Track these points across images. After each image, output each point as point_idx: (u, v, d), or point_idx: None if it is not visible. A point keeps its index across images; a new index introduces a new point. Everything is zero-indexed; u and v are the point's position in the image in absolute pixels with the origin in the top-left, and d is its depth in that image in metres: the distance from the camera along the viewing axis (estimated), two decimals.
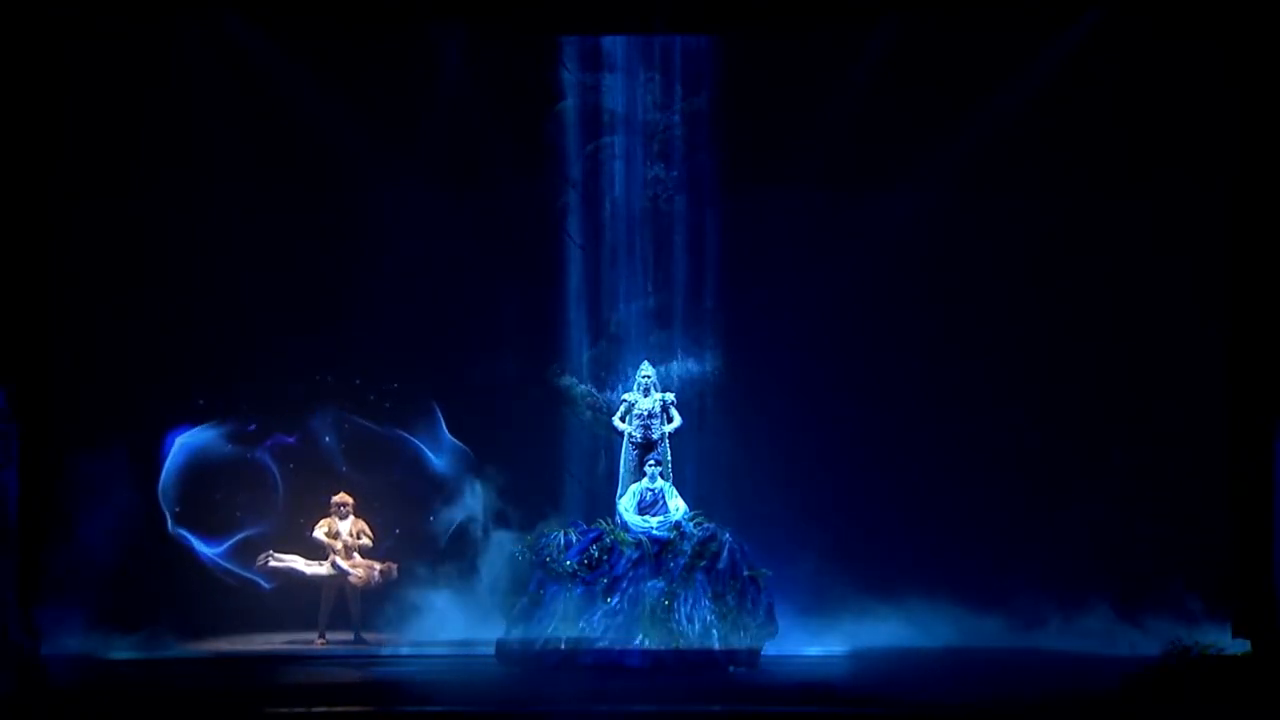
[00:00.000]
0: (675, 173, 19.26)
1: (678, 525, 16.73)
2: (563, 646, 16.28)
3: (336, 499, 18.36)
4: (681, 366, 19.05)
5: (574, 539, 16.78)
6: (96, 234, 18.32)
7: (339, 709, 14.20)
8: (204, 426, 18.69)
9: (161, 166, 18.45)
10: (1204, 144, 18.25)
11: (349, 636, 18.25)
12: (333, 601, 18.22)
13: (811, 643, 17.65)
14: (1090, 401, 18.73)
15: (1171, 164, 18.43)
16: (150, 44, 18.19)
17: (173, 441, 18.56)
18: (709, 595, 16.46)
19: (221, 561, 18.45)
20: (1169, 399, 18.53)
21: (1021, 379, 18.79)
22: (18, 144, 17.35)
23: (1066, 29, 18.37)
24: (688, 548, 16.57)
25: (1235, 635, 17.17)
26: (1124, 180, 18.58)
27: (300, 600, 18.38)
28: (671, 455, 17.38)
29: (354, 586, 18.20)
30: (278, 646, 18.00)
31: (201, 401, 18.70)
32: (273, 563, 18.18)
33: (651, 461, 17.13)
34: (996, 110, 18.65)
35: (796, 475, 18.71)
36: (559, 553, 16.65)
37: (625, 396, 17.54)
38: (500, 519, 18.26)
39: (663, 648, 16.17)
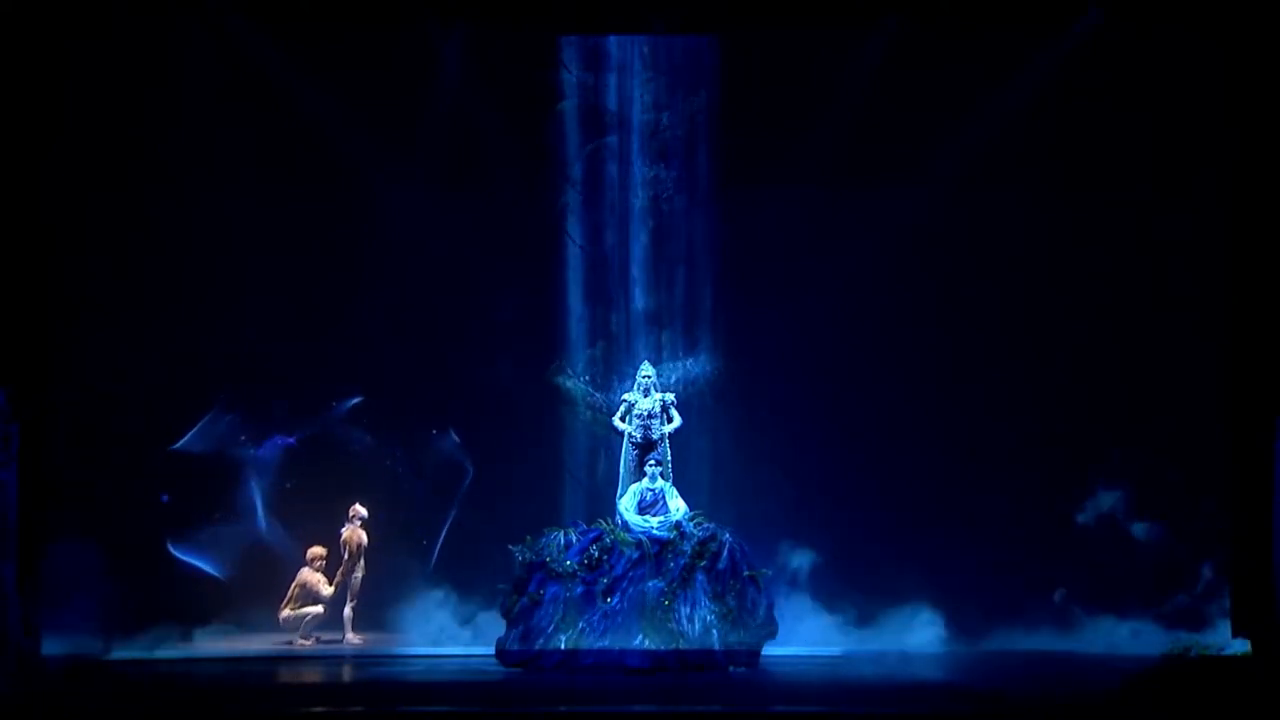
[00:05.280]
0: (675, 173, 19.26)
1: (678, 525, 16.74)
2: (563, 646, 16.29)
3: (358, 510, 18.37)
4: (681, 366, 19.05)
5: (574, 539, 16.79)
6: (96, 233, 18.31)
7: (339, 709, 14.21)
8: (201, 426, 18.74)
9: (162, 166, 18.43)
10: (1204, 144, 18.25)
11: (351, 638, 18.27)
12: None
13: (812, 643, 17.66)
14: (1090, 401, 18.71)
15: (1171, 164, 18.42)
16: (150, 44, 18.19)
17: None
18: (709, 595, 16.46)
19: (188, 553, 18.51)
20: (1169, 398, 18.52)
21: (1021, 378, 18.78)
22: (18, 143, 17.35)
23: (1066, 29, 18.36)
24: (688, 548, 16.58)
25: (1235, 635, 17.19)
26: (1124, 180, 18.56)
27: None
28: (671, 455, 17.39)
29: (356, 582, 18.21)
30: (278, 646, 18.00)
31: (199, 399, 18.75)
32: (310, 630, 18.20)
33: (651, 461, 17.14)
34: (996, 110, 18.64)
35: (797, 475, 18.70)
36: (559, 553, 16.66)
37: (625, 396, 17.55)
38: (499, 520, 18.30)
39: (663, 648, 16.17)
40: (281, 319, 18.67)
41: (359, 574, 18.21)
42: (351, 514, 18.30)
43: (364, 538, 18.28)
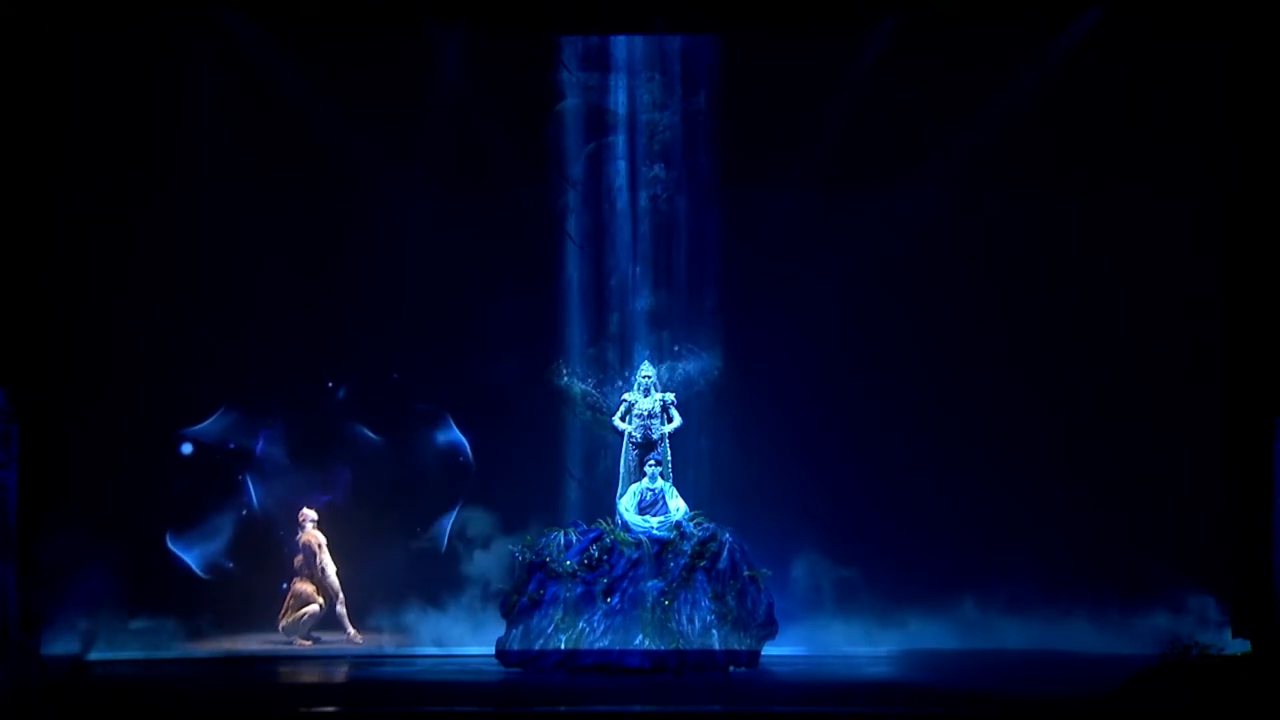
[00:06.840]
0: (675, 173, 19.24)
1: (678, 525, 16.74)
2: (563, 646, 16.29)
3: (305, 514, 18.43)
4: (681, 367, 19.04)
5: (574, 539, 16.79)
6: (97, 233, 18.31)
7: (339, 709, 14.21)
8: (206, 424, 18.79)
9: (163, 166, 18.45)
10: (1204, 143, 18.25)
11: (353, 636, 18.27)
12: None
13: (811, 643, 17.66)
14: (1090, 401, 18.72)
15: (1171, 163, 18.41)
16: (152, 45, 18.19)
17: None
18: (709, 595, 16.47)
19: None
20: (1169, 399, 18.52)
21: (1022, 379, 18.78)
22: (19, 144, 17.35)
23: (1066, 29, 18.37)
24: (688, 548, 16.58)
25: (1235, 635, 17.19)
26: (1124, 179, 18.56)
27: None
28: (671, 455, 17.39)
29: (333, 583, 18.23)
30: (278, 646, 18.01)
31: (201, 399, 18.76)
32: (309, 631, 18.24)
33: (651, 461, 17.14)
34: (996, 110, 18.64)
35: (797, 475, 18.68)
36: (559, 553, 16.66)
37: (625, 396, 17.56)
38: (499, 519, 18.31)
39: (663, 648, 16.17)
40: (281, 319, 18.68)
41: (330, 571, 18.23)
42: (301, 519, 18.40)
43: (320, 538, 18.38)
